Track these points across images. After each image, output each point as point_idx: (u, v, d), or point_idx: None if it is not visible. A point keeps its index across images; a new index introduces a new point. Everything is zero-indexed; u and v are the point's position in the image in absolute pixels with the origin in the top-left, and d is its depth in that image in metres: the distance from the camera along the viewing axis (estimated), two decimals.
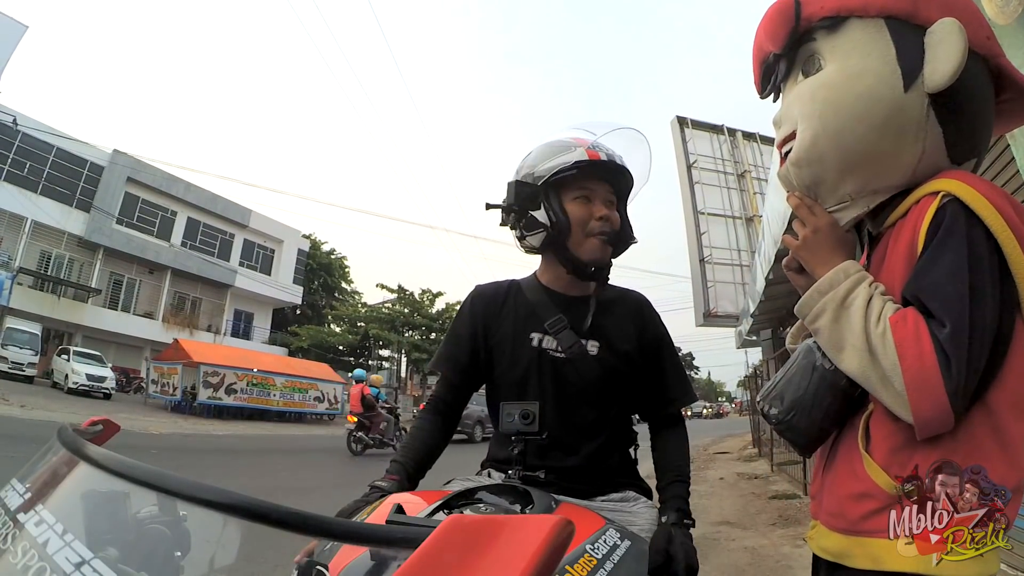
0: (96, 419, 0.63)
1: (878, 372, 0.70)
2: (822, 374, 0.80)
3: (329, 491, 5.73)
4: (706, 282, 15.02)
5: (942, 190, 0.72)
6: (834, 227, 0.85)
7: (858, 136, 0.78)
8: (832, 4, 0.80)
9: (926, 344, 0.67)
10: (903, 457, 0.71)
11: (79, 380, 15.59)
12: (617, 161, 1.16)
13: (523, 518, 0.32)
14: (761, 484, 7.62)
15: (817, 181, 0.85)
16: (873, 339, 0.71)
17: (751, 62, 0.96)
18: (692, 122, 16.70)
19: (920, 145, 0.78)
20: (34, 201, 19.73)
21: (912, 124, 0.77)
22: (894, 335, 0.69)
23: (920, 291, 0.70)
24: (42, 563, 0.39)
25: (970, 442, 0.69)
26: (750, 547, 4.15)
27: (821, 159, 0.82)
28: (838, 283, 0.77)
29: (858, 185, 0.83)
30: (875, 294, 0.74)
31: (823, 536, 0.82)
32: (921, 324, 0.68)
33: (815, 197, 0.87)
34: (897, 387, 0.68)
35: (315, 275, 32.02)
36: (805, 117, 0.83)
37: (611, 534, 0.81)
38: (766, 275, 7.49)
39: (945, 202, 0.71)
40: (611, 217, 1.14)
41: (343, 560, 0.64)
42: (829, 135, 0.80)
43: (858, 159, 0.80)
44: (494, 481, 1.08)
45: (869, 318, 0.72)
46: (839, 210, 0.85)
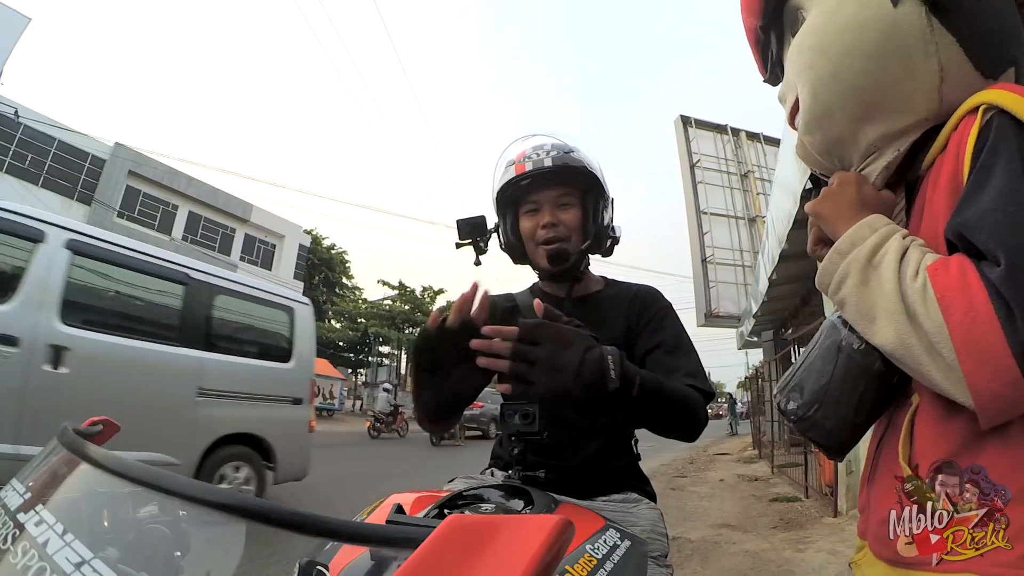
0: (96, 419, 0.62)
1: (923, 340, 0.55)
2: (849, 355, 0.67)
3: (327, 489, 5.80)
4: (708, 282, 15.03)
5: (983, 103, 0.60)
6: (862, 181, 0.72)
7: (856, 70, 0.69)
8: None
9: (977, 291, 0.51)
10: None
11: None
12: (548, 163, 1.11)
13: (523, 518, 0.32)
14: (762, 486, 7.63)
15: (834, 140, 0.74)
16: (911, 297, 0.56)
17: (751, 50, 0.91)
18: (696, 121, 16.69)
19: (934, 62, 0.66)
20: (35, 193, 19.73)
21: (915, 40, 0.66)
22: (934, 286, 0.54)
23: (963, 225, 0.56)
24: (42, 563, 0.39)
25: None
26: (751, 551, 4.15)
27: (828, 112, 0.73)
28: (862, 240, 0.64)
29: (880, 128, 0.71)
30: (911, 245, 0.60)
31: (869, 565, 0.70)
32: (968, 267, 0.53)
33: (841, 164, 0.76)
34: (947, 356, 0.53)
35: (316, 270, 32.06)
36: (799, 74, 0.75)
37: (611, 534, 0.81)
38: (770, 275, 7.48)
39: (989, 116, 0.59)
40: (560, 221, 1.12)
41: (343, 560, 0.64)
42: (826, 82, 0.71)
43: (866, 97, 0.70)
44: (494, 481, 1.08)
45: (904, 274, 0.58)
46: (868, 165, 0.73)
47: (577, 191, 1.15)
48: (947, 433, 0.60)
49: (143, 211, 23.51)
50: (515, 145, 1.20)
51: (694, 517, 5.58)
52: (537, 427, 1.00)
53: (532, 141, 1.19)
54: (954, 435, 0.59)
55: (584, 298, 1.21)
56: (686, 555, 4.04)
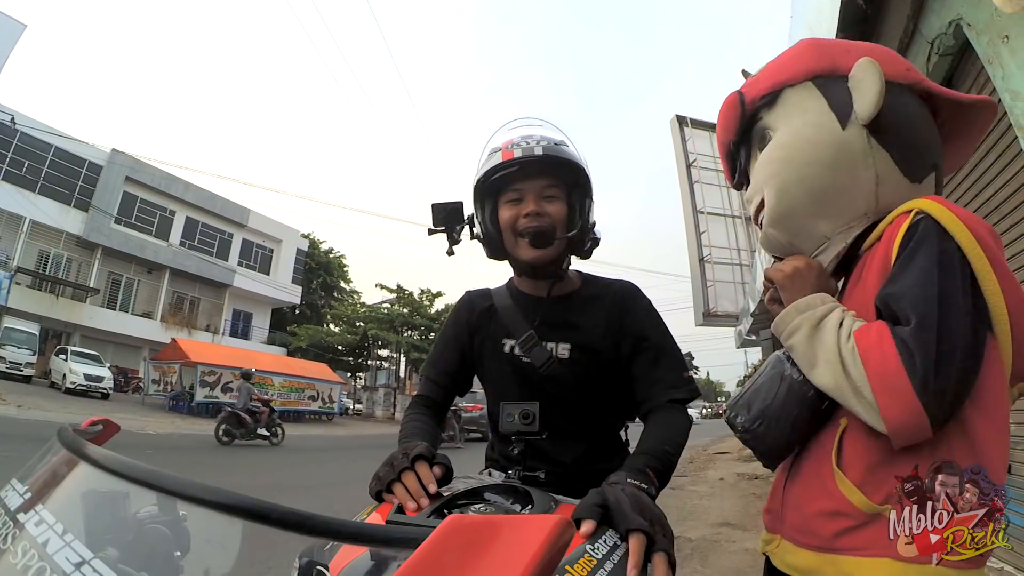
0: (96, 419, 0.62)
1: (850, 384, 0.71)
2: (790, 384, 0.82)
3: (325, 490, 5.77)
4: (706, 281, 15.01)
5: (915, 208, 0.75)
6: (820, 269, 0.88)
7: (815, 175, 0.86)
8: (767, 83, 0.93)
9: (888, 346, 0.68)
10: (880, 475, 0.72)
11: (77, 380, 15.56)
12: (537, 152, 1.06)
13: (523, 518, 0.32)
14: (761, 485, 7.62)
15: (794, 232, 0.92)
16: (844, 353, 0.73)
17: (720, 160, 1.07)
18: (692, 121, 16.69)
19: (872, 171, 0.85)
20: (32, 200, 19.69)
21: (859, 154, 0.85)
22: (858, 344, 0.71)
23: (888, 296, 0.72)
24: (42, 563, 0.39)
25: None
26: (751, 549, 4.14)
27: (791, 210, 0.90)
28: (815, 305, 0.81)
29: (831, 224, 0.88)
30: (846, 316, 0.77)
31: (788, 552, 0.84)
32: (884, 330, 0.70)
33: (796, 251, 0.93)
34: (867, 396, 0.69)
35: (314, 275, 32.02)
36: (767, 179, 0.91)
37: (611, 534, 0.81)
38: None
39: (918, 218, 0.74)
40: (544, 212, 1.07)
41: (343, 560, 0.64)
42: (790, 185, 0.88)
43: (822, 198, 0.87)
44: (494, 481, 1.07)
45: (840, 335, 0.75)
46: (820, 253, 0.90)
47: (564, 184, 1.10)
48: (871, 448, 0.74)
49: (140, 217, 23.47)
50: (502, 132, 1.16)
51: (694, 516, 5.58)
52: (537, 427, 1.00)
53: (521, 130, 1.14)
54: (875, 451, 0.73)
55: (560, 298, 1.16)
56: (686, 554, 4.04)
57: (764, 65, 0.99)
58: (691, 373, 1.12)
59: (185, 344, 17.32)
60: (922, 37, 2.79)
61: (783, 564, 0.84)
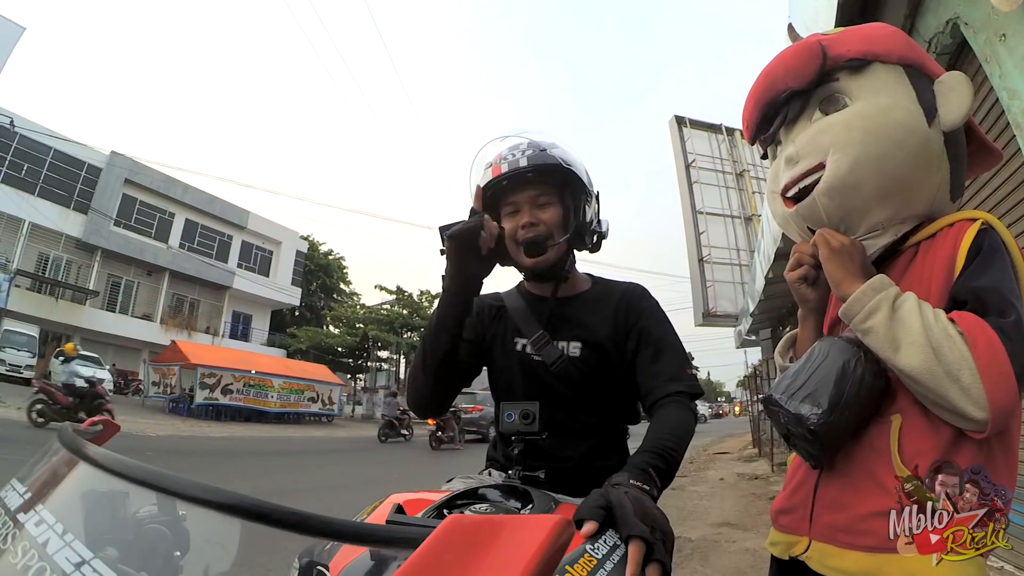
0: (96, 419, 0.63)
1: (943, 367, 0.69)
2: (863, 376, 0.78)
3: (325, 492, 5.76)
4: (705, 282, 15.02)
5: (980, 217, 0.79)
6: (861, 247, 0.86)
7: (898, 162, 0.83)
8: (859, 47, 0.88)
9: (992, 332, 0.68)
10: (947, 471, 0.70)
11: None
12: (523, 163, 1.09)
13: (523, 518, 0.32)
14: (762, 485, 7.62)
15: (849, 209, 0.87)
16: (934, 334, 0.70)
17: (750, 103, 0.97)
18: (690, 121, 16.71)
19: (940, 176, 0.85)
20: (31, 203, 19.68)
21: (936, 156, 0.84)
22: (961, 324, 0.70)
23: (978, 288, 0.73)
24: (42, 563, 0.39)
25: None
26: (751, 549, 4.14)
27: (858, 186, 0.84)
28: (888, 285, 0.79)
29: (890, 212, 0.86)
30: (921, 301, 0.76)
31: (832, 556, 0.80)
32: (979, 318, 0.70)
33: (842, 229, 0.89)
34: (965, 380, 0.67)
35: (313, 276, 31.97)
36: (843, 145, 0.84)
37: (611, 534, 0.81)
38: (766, 274, 7.49)
39: (985, 227, 0.78)
40: (539, 220, 1.11)
41: (343, 560, 0.64)
42: (871, 160, 0.83)
43: (895, 185, 0.84)
44: (494, 481, 1.07)
45: (925, 316, 0.73)
46: (869, 238, 0.88)
47: (555, 188, 1.13)
48: (934, 445, 0.73)
49: (140, 219, 23.44)
50: (491, 146, 1.18)
51: (694, 516, 5.57)
52: (537, 427, 1.00)
53: (507, 142, 1.17)
54: (938, 448, 0.73)
55: (569, 298, 1.19)
56: (686, 554, 4.04)
57: (840, 29, 0.94)
58: (694, 371, 1.12)
59: (185, 346, 17.29)
60: (919, 36, 2.80)
61: (825, 568, 0.81)
